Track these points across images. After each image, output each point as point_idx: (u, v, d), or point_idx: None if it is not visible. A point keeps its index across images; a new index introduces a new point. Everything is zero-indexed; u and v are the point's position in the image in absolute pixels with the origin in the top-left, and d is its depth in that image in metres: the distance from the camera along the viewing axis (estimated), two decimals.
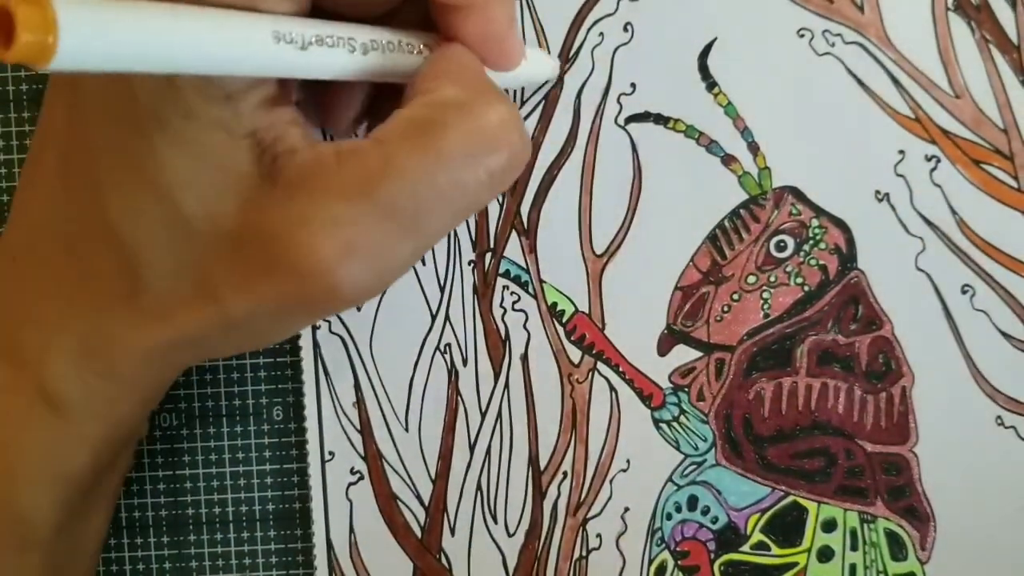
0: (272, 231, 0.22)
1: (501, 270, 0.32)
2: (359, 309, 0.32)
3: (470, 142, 0.23)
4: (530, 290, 0.32)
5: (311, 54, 0.22)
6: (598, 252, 0.32)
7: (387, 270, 0.23)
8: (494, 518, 0.32)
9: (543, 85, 0.32)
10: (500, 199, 0.32)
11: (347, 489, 0.32)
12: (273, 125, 0.23)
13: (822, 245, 0.32)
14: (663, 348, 0.32)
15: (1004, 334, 0.31)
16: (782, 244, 0.32)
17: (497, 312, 0.32)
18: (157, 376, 0.27)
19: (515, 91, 0.32)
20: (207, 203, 0.23)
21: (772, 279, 0.32)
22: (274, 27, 0.21)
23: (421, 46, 0.25)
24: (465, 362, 0.32)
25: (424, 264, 0.32)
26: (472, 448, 0.32)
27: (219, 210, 0.23)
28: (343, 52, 0.23)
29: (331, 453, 0.32)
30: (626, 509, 0.32)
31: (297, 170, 0.22)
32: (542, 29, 0.32)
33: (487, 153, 0.23)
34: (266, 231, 0.22)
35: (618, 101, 0.32)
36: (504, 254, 0.32)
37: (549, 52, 0.31)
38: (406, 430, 0.32)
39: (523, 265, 0.32)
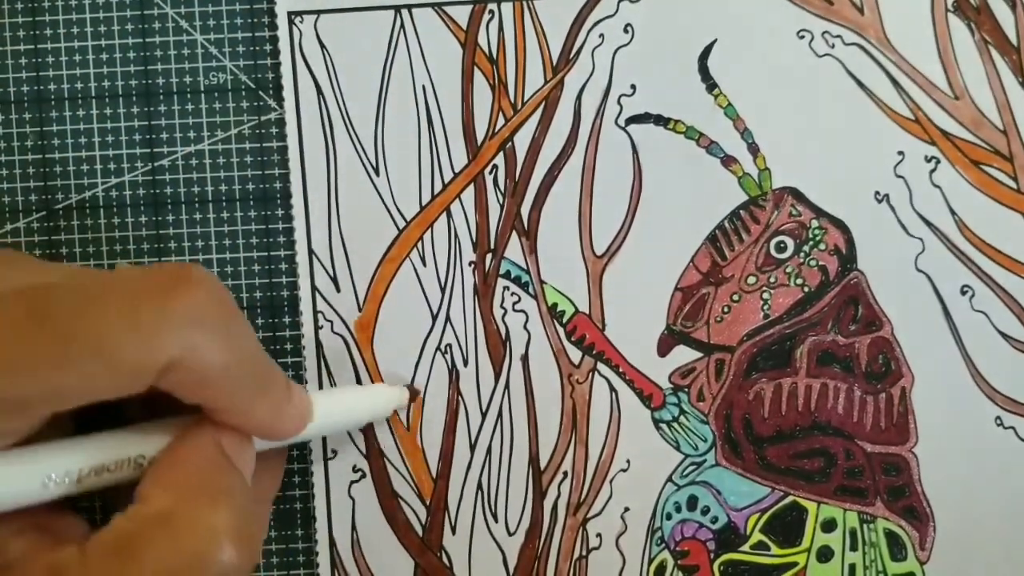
0: None
1: (502, 271, 0.32)
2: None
3: (169, 563, 0.22)
4: (530, 291, 0.32)
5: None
6: (598, 253, 0.32)
7: None
8: (495, 517, 0.32)
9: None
10: (500, 200, 0.32)
11: (349, 487, 0.32)
12: None
13: (822, 246, 0.32)
14: (663, 349, 0.32)
15: (1003, 335, 0.31)
16: (782, 245, 0.32)
17: (498, 313, 0.32)
18: None
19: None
20: None
21: (772, 280, 0.32)
22: None
23: (146, 460, 0.25)
24: (466, 362, 0.32)
25: (425, 265, 0.32)
26: (473, 448, 0.32)
27: None
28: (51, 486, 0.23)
29: (333, 452, 0.32)
30: (626, 509, 0.32)
31: None
32: (543, 31, 0.32)
33: (189, 573, 0.22)
34: None
35: (618, 102, 0.32)
36: (505, 255, 0.32)
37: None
38: (407, 429, 0.32)
39: (523, 266, 0.32)
